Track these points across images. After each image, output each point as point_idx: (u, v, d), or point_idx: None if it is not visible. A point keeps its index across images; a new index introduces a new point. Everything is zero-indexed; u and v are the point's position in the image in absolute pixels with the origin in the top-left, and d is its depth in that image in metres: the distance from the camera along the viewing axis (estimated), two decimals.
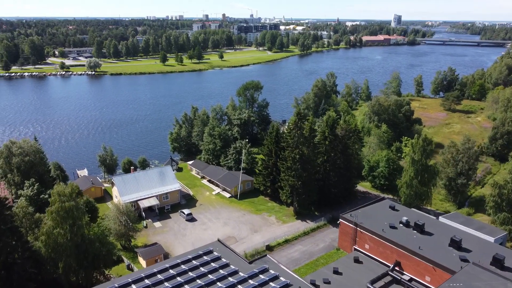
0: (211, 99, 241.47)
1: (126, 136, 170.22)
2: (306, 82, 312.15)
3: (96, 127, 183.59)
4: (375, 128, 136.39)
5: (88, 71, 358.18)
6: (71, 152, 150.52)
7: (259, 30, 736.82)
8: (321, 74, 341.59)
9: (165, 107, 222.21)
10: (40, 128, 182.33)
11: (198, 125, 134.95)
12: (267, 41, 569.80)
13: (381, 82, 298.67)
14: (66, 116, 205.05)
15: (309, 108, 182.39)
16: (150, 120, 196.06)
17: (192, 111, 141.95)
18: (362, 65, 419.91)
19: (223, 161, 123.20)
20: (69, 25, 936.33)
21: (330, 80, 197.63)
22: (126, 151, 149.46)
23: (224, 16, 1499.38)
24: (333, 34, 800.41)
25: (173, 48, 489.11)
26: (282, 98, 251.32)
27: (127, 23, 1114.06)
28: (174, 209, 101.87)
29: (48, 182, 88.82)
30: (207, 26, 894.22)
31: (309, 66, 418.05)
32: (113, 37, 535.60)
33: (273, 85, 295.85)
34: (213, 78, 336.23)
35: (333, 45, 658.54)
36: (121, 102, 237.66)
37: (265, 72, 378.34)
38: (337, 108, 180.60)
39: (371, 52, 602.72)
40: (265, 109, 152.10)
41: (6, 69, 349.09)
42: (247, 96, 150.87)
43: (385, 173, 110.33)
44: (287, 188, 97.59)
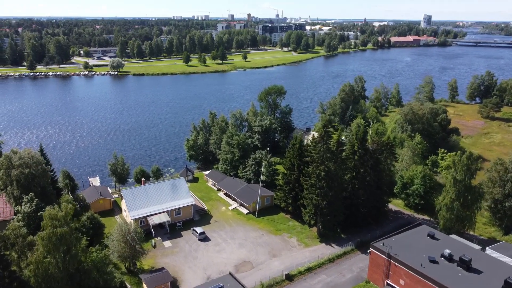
0: (232, 102, 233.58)
1: (142, 141, 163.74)
2: (331, 85, 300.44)
3: (112, 131, 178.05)
4: (409, 139, 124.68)
5: (111, 71, 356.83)
6: (85, 157, 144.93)
7: (284, 30, 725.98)
8: (347, 77, 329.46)
9: (185, 111, 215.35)
10: (55, 131, 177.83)
11: (216, 132, 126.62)
12: (292, 41, 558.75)
13: (412, 86, 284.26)
14: (84, 118, 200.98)
15: (335, 114, 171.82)
16: (168, 124, 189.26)
17: (210, 117, 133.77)
18: (391, 68, 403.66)
19: (241, 172, 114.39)
20: (97, 24, 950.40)
21: (358, 84, 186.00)
22: (140, 157, 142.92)
23: (250, 16, 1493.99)
24: (360, 34, 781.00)
25: (197, 48, 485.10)
26: (306, 102, 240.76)
27: (153, 23, 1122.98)
28: (186, 226, 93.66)
29: (51, 195, 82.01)
30: (231, 26, 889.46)
31: (335, 68, 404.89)
32: (137, 37, 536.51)
33: (297, 88, 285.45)
34: (236, 80, 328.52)
35: (360, 46, 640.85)
36: (140, 104, 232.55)
37: (289, 74, 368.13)
38: (365, 115, 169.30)
39: (400, 53, 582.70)
40: (288, 115, 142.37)
41: (31, 69, 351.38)
42: (269, 101, 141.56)
43: (420, 192, 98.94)
44: (310, 208, 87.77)
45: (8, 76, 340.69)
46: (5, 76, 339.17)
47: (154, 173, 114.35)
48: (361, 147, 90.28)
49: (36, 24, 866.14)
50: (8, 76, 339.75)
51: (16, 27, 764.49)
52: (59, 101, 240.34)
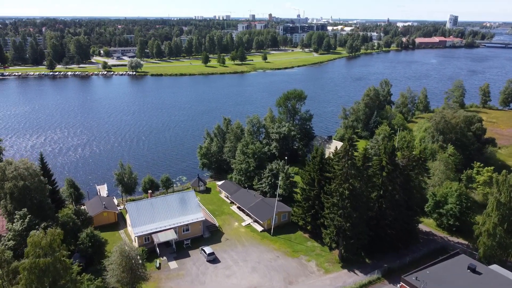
0: (249, 105, 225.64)
1: (153, 145, 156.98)
2: (353, 88, 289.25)
3: (125, 134, 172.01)
4: (441, 151, 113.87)
5: (129, 71, 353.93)
6: (95, 163, 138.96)
7: (306, 30, 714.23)
8: (370, 80, 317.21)
9: (200, 114, 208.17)
10: (66, 133, 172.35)
11: (231, 139, 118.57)
12: (313, 42, 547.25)
13: (439, 90, 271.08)
14: (97, 120, 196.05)
15: (358, 120, 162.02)
16: (183, 128, 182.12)
17: (225, 123, 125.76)
18: (416, 70, 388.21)
19: (257, 184, 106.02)
20: (119, 24, 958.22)
21: (384, 88, 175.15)
22: (150, 164, 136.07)
23: (271, 16, 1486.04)
24: (383, 35, 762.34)
25: (216, 48, 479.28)
26: (327, 106, 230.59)
27: (174, 22, 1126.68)
28: (195, 243, 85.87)
29: (48, 210, 75.37)
30: (252, 26, 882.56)
31: (357, 70, 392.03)
32: (157, 36, 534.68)
33: (318, 91, 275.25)
34: (254, 81, 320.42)
35: (383, 47, 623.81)
36: (156, 106, 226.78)
37: (309, 75, 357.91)
38: (391, 121, 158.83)
39: (425, 55, 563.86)
40: (308, 122, 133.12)
41: (51, 68, 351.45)
42: (288, 107, 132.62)
43: (455, 212, 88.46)
44: (331, 229, 78.69)
45: (27, 75, 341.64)
46: (24, 76, 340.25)
47: (164, 183, 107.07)
48: (390, 163, 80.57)
49: (59, 23, 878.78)
50: (27, 76, 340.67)
51: (41, 27, 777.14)
52: (74, 102, 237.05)
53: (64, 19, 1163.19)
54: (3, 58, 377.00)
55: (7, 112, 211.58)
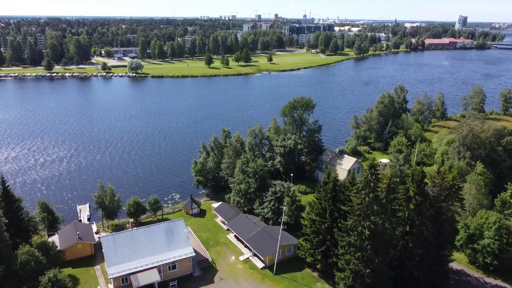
0: (253, 111, 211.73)
1: (146, 156, 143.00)
2: (362, 92, 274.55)
3: (115, 143, 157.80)
4: (470, 171, 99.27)
5: (129, 72, 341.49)
6: (78, 177, 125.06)
7: (312, 31, 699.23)
8: (380, 83, 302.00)
9: (199, 120, 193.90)
10: (50, 143, 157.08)
11: (229, 155, 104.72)
12: (320, 43, 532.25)
13: (453, 95, 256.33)
14: (88, 126, 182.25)
15: (371, 130, 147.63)
16: (179, 136, 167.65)
17: (223, 136, 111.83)
18: (428, 73, 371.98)
19: (258, 208, 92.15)
20: (123, 24, 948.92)
21: (399, 95, 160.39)
22: (141, 178, 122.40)
23: (277, 16, 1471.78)
24: (391, 36, 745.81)
25: (220, 49, 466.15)
26: (336, 112, 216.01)
27: (179, 22, 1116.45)
28: (182, 285, 72.19)
29: (4, 248, 62.03)
30: (258, 26, 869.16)
31: (366, 73, 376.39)
32: (160, 36, 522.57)
33: (325, 95, 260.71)
34: (259, 84, 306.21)
35: (392, 48, 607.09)
36: (153, 111, 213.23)
37: (316, 78, 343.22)
38: (407, 132, 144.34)
39: (435, 57, 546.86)
40: (316, 134, 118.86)
41: (48, 69, 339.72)
42: (295, 117, 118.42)
43: (494, 249, 74.05)
44: (347, 273, 64.72)
45: (24, 76, 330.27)
46: (21, 77, 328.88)
47: (151, 206, 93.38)
48: (418, 193, 66.30)
49: (63, 23, 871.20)
50: (24, 77, 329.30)
51: (44, 26, 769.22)
52: (66, 106, 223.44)
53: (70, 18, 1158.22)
54: (0, 58, 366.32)
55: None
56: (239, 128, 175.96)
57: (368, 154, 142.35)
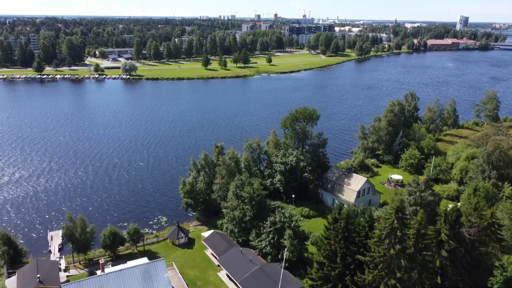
0: (251, 117, 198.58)
1: (131, 170, 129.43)
2: (366, 96, 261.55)
3: (98, 154, 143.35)
4: (499, 194, 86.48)
5: (123, 74, 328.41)
6: (53, 197, 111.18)
7: (312, 31, 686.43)
8: (384, 87, 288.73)
9: (194, 128, 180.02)
10: (23, 155, 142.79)
11: (222, 174, 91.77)
12: (320, 43, 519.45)
13: (462, 99, 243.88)
14: (73, 134, 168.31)
15: (380, 141, 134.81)
16: (170, 146, 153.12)
17: (215, 152, 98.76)
18: (433, 76, 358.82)
19: (254, 240, 79.33)
20: (121, 24, 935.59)
21: (410, 103, 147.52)
22: (124, 197, 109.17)
23: (276, 16, 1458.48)
24: (393, 36, 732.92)
25: (218, 50, 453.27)
26: (339, 118, 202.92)
27: (178, 22, 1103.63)
28: None
29: None
30: (257, 26, 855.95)
31: (369, 76, 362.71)
32: (157, 37, 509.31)
33: (327, 99, 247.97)
34: (258, 88, 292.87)
35: (394, 49, 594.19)
36: (143, 117, 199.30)
37: (317, 81, 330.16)
38: (419, 144, 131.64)
39: (439, 58, 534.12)
40: (321, 148, 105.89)
41: (39, 71, 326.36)
42: (297, 129, 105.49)
43: None
44: None
45: (14, 78, 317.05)
46: (10, 79, 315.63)
47: (131, 236, 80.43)
48: (452, 237, 53.44)
49: (59, 23, 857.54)
50: (14, 79, 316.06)
51: (40, 26, 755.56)
52: (52, 111, 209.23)
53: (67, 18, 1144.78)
54: None
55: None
56: (235, 137, 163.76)
57: (377, 168, 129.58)
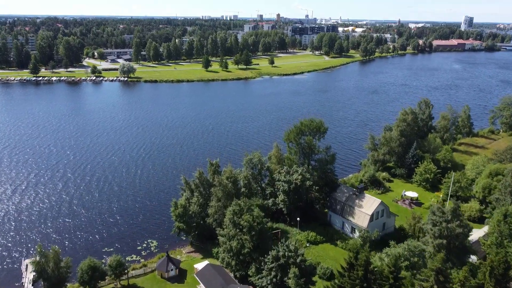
0: (252, 123, 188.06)
1: (118, 186, 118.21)
2: (371, 100, 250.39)
3: (85, 166, 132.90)
4: None
5: (120, 76, 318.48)
6: (33, 217, 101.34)
7: (316, 32, 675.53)
8: (391, 92, 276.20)
9: (190, 136, 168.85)
10: (9, 165, 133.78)
11: (218, 196, 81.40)
12: (324, 44, 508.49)
13: (473, 104, 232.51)
14: (59, 142, 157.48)
15: (391, 153, 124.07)
16: (163, 157, 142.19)
17: (210, 170, 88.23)
18: (441, 78, 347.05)
19: (254, 276, 68.98)
20: (121, 24, 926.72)
21: (423, 111, 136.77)
22: (106, 222, 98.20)
23: (279, 16, 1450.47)
24: (397, 37, 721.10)
25: (219, 51, 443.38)
26: (346, 124, 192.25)
27: (179, 22, 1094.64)
28: None
29: None
30: (259, 26, 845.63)
31: (374, 79, 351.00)
32: (157, 37, 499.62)
33: (331, 103, 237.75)
34: (260, 91, 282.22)
35: (399, 50, 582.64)
36: (138, 123, 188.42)
37: (321, 83, 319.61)
38: (435, 156, 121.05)
39: (445, 59, 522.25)
40: (329, 165, 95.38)
41: (34, 73, 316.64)
42: (302, 144, 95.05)
43: None
44: None
45: (8, 80, 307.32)
46: (5, 81, 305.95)
47: (113, 270, 70.17)
48: None
49: (59, 23, 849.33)
50: (8, 81, 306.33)
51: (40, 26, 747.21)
52: (42, 117, 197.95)
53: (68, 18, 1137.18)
54: None
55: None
56: (234, 146, 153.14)
57: (389, 183, 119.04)
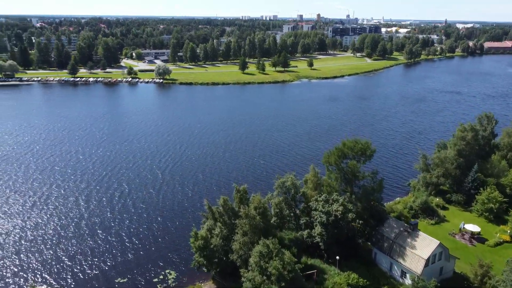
0: (287, 132, 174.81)
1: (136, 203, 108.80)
2: (420, 109, 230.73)
3: (102, 177, 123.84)
4: None
5: (156, 78, 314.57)
6: (48, 236, 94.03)
7: (357, 32, 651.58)
8: (439, 101, 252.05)
9: (220, 145, 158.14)
10: (27, 175, 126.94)
11: (245, 230, 69.73)
12: (366, 46, 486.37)
13: None
14: (84, 149, 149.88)
15: (446, 176, 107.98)
16: (188, 171, 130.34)
17: (237, 197, 76.62)
18: (496, 85, 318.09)
19: None
20: (162, 24, 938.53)
21: (485, 127, 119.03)
22: (118, 247, 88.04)
23: (319, 16, 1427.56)
24: (444, 38, 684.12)
25: (257, 52, 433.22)
26: (390, 136, 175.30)
27: (219, 22, 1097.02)
28: None
29: None
30: (299, 27, 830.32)
31: (420, 85, 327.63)
32: (195, 38, 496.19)
33: (375, 111, 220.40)
34: (296, 96, 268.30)
35: (447, 52, 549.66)
36: (166, 129, 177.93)
37: (362, 88, 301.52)
38: (500, 181, 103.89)
39: (497, 63, 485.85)
40: (376, 194, 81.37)
41: (73, 73, 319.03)
42: (344, 168, 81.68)
43: None
44: None
45: (47, 80, 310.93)
46: (44, 81, 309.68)
47: None
48: None
49: (103, 23, 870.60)
50: (47, 81, 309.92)
51: (85, 26, 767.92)
52: (71, 120, 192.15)
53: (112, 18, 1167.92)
54: (27, 61, 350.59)
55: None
56: (265, 159, 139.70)
57: (443, 210, 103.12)
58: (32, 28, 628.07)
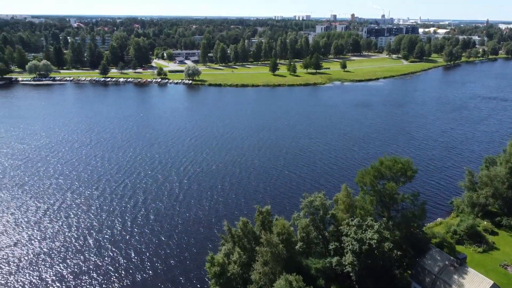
0: (316, 140, 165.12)
1: (153, 214, 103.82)
2: (461, 117, 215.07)
3: (124, 186, 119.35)
4: None
5: (185, 79, 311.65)
6: (54, 252, 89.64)
7: (393, 33, 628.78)
8: (484, 109, 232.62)
9: (246, 155, 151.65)
10: (47, 180, 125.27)
11: (266, 259, 61.84)
12: (403, 47, 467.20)
13: None
14: (107, 153, 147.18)
15: (496, 196, 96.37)
16: (208, 180, 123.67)
17: (258, 219, 68.79)
18: None
19: None
20: (194, 24, 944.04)
21: None
22: (130, 265, 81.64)
23: (353, 16, 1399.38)
24: (486, 39, 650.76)
25: (288, 53, 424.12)
26: (428, 146, 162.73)
27: (251, 23, 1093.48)
28: None
29: None
30: (332, 27, 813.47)
31: (461, 90, 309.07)
32: (226, 38, 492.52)
33: (411, 119, 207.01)
34: (328, 100, 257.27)
35: (490, 54, 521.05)
36: (189, 133, 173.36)
37: (399, 92, 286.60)
38: None
39: None
40: (416, 220, 71.47)
41: (104, 73, 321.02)
42: (380, 191, 72.31)
43: None
44: None
45: (79, 80, 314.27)
46: (76, 81, 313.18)
47: None
48: None
49: (137, 23, 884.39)
50: (79, 81, 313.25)
51: (119, 26, 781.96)
52: (98, 121, 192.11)
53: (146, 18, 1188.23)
54: (61, 60, 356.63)
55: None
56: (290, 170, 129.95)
57: (492, 236, 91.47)
58: (69, 28, 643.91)
